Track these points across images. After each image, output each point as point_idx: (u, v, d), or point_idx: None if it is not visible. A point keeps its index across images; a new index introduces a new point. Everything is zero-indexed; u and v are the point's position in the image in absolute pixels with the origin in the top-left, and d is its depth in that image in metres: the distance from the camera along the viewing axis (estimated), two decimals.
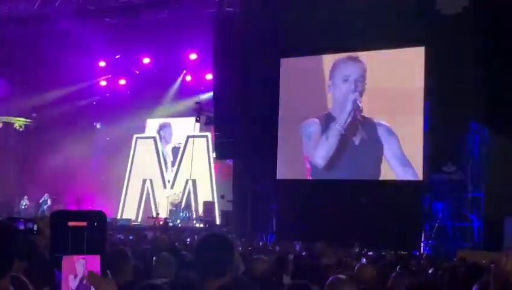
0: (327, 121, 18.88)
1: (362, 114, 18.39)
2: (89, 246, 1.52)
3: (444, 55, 16.73)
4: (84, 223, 1.53)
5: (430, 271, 8.11)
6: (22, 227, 3.51)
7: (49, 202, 24.26)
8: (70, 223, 1.51)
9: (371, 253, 12.78)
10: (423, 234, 16.98)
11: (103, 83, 26.31)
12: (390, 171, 17.95)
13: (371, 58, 18.69)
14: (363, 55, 18.77)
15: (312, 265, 6.12)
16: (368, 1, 17.71)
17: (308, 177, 19.19)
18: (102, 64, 25.53)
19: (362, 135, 18.40)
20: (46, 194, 24.52)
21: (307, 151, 19.23)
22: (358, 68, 18.74)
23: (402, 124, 17.84)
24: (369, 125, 18.29)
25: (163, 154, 26.06)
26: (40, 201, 24.42)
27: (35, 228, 4.40)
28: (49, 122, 25.10)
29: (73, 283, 1.49)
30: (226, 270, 3.31)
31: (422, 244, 16.80)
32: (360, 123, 18.44)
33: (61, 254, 1.50)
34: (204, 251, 3.37)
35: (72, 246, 1.50)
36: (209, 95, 22.43)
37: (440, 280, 6.17)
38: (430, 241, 16.54)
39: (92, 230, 1.53)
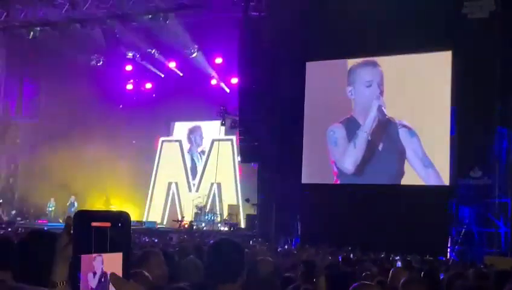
0: (351, 125, 18.85)
1: (387, 117, 18.37)
2: (112, 246, 1.49)
3: (472, 59, 16.61)
4: (108, 224, 1.49)
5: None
6: None
7: (75, 205, 24.48)
8: (94, 224, 1.47)
9: (397, 258, 12.73)
10: (450, 239, 16.84)
11: (129, 87, 26.52)
12: (413, 173, 17.87)
13: (397, 63, 18.61)
14: (389, 59, 18.73)
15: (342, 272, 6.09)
16: (394, 5, 17.64)
17: (335, 182, 19.15)
18: (128, 68, 25.74)
19: (386, 138, 18.35)
20: (72, 197, 24.76)
21: (333, 156, 19.21)
22: (378, 73, 18.68)
23: (429, 128, 17.73)
24: (392, 128, 18.26)
25: (192, 157, 26.14)
26: (67, 204, 24.65)
27: None
28: (76, 125, 25.29)
29: (92, 281, 1.45)
30: (238, 276, 3.36)
31: (448, 250, 16.67)
32: (384, 127, 18.39)
33: (84, 254, 1.47)
34: (215, 256, 3.41)
35: (95, 246, 1.46)
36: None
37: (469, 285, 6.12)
38: (456, 247, 16.41)
39: (116, 230, 1.50)
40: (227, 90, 23.95)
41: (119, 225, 1.52)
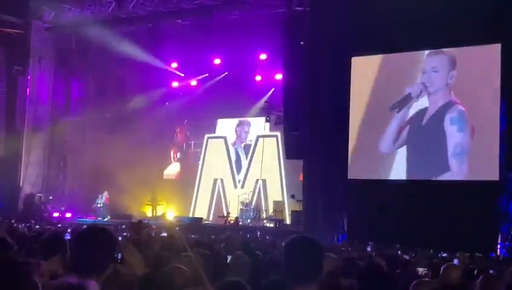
0: (398, 119, 18.65)
1: (437, 111, 18.09)
2: None
3: None
4: None
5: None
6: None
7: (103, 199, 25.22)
8: None
9: (444, 255, 12.54)
10: (500, 236, 16.50)
11: (175, 84, 26.70)
12: (463, 168, 17.58)
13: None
14: (438, 52, 18.41)
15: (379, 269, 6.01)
16: None
17: (380, 177, 18.96)
18: (174, 65, 25.92)
19: (436, 132, 18.06)
20: (105, 192, 25.29)
21: (378, 149, 19.03)
22: (442, 62, 18.31)
23: (478, 123, 17.41)
24: (442, 122, 17.97)
25: (237, 152, 26.16)
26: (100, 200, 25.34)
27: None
28: (122, 122, 25.55)
29: None
30: (316, 275, 3.25)
31: (498, 246, 16.33)
32: (435, 121, 18.10)
33: None
34: (294, 254, 3.29)
35: None
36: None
37: None
38: (507, 243, 16.07)
39: None
40: (272, 88, 23.88)
41: None
